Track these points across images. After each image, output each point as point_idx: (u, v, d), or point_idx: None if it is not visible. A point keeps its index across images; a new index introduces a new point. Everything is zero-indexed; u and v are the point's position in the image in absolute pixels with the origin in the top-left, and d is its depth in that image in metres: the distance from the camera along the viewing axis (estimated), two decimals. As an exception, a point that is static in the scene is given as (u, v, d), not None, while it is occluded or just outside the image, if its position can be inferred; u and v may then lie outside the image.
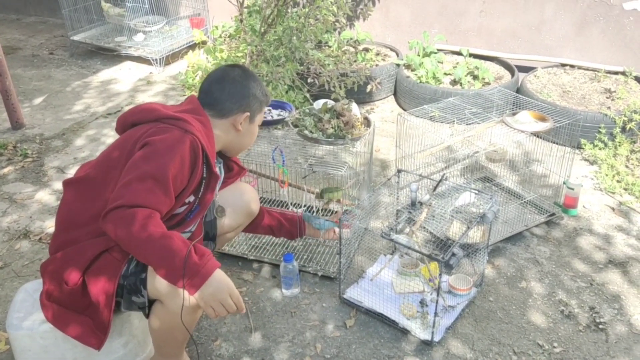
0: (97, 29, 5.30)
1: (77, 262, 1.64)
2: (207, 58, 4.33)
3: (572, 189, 2.71)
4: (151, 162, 1.57)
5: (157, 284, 1.59)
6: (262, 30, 3.84)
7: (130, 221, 1.49)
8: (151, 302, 1.68)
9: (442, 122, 2.95)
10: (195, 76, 4.27)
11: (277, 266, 2.46)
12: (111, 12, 5.12)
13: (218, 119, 1.84)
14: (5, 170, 3.33)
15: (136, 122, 1.73)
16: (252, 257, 2.52)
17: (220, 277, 1.52)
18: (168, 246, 1.49)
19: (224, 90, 1.82)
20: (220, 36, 4.62)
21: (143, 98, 4.31)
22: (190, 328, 1.75)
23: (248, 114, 1.86)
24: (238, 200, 2.16)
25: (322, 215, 2.78)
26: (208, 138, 1.76)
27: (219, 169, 2.00)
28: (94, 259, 1.64)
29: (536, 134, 2.75)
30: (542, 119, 2.70)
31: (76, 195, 1.71)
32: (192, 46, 4.97)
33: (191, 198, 1.76)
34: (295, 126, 2.54)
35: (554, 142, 3.21)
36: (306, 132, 2.47)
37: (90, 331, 1.66)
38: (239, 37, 4.31)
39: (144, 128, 1.68)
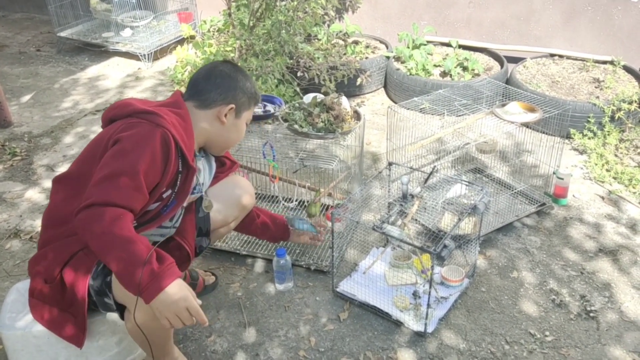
0: (84, 24, 5.25)
1: (56, 260, 1.65)
2: (195, 53, 4.31)
3: (562, 179, 2.73)
4: (121, 159, 1.55)
5: (120, 287, 1.54)
6: (251, 24, 3.82)
7: (97, 220, 1.46)
8: (120, 305, 1.66)
9: (432, 114, 2.96)
10: (184, 71, 4.25)
11: (270, 261, 2.47)
12: (98, 8, 5.08)
13: (202, 110, 1.81)
14: (-6, 169, 3.31)
15: (113, 117, 1.70)
16: (244, 253, 2.52)
17: (176, 288, 1.45)
18: (130, 251, 1.44)
19: (210, 81, 1.81)
20: (208, 31, 4.59)
21: (132, 94, 4.29)
22: (169, 330, 1.76)
23: (233, 106, 1.82)
24: (230, 193, 2.14)
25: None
26: (185, 131, 1.71)
27: (204, 161, 1.97)
28: (70, 257, 1.65)
29: (526, 125, 2.77)
30: (532, 110, 2.71)
31: (59, 192, 1.72)
32: (181, 41, 4.94)
33: (168, 192, 1.73)
34: (285, 120, 2.53)
35: (543, 133, 3.23)
36: (296, 126, 2.47)
37: (72, 329, 1.67)
38: (228, 31, 4.29)
39: (118, 124, 1.66)
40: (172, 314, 1.45)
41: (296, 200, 2.83)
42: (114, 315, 1.82)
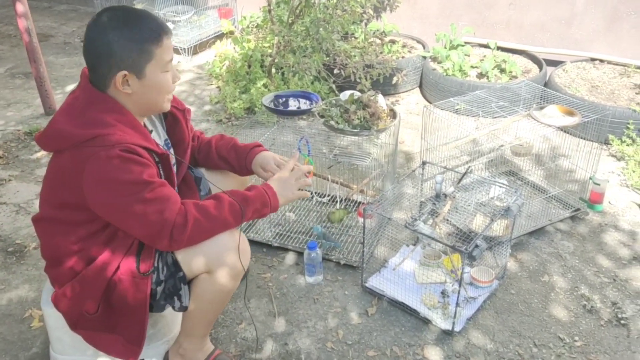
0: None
1: (90, 294, 1.64)
2: (234, 48, 4.38)
3: (599, 185, 2.70)
4: (128, 189, 1.49)
5: (201, 257, 1.62)
6: (290, 21, 3.87)
7: (195, 234, 1.57)
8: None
9: (467, 115, 2.95)
10: (223, 66, 4.33)
11: (300, 254, 2.51)
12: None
13: (106, 92, 1.57)
14: (39, 154, 3.44)
15: (56, 149, 1.56)
16: (276, 244, 2.57)
17: (278, 187, 1.75)
18: (236, 209, 1.64)
19: (90, 53, 1.54)
20: (247, 26, 4.66)
21: (171, 86, 4.38)
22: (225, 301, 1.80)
23: (125, 72, 1.52)
24: (222, 182, 2.04)
25: (345, 206, 2.81)
26: (119, 120, 1.54)
27: (160, 137, 1.84)
28: (106, 286, 1.64)
29: (564, 129, 2.74)
30: (570, 114, 2.69)
31: (46, 232, 1.69)
32: (220, 36, 5.03)
33: None
34: (322, 117, 2.57)
35: (581, 137, 3.19)
36: (332, 122, 2.50)
37: (124, 347, 1.70)
38: (266, 27, 4.35)
39: (69, 158, 1.52)
40: (296, 192, 1.78)
41: (328, 196, 2.87)
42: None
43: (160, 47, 1.55)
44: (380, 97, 2.62)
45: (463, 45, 4.20)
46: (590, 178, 2.73)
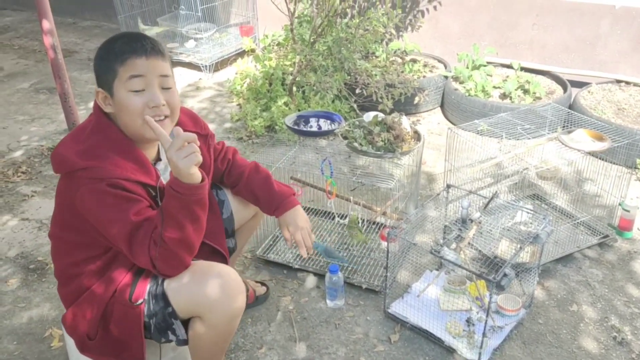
0: (150, 35, 5.44)
1: (89, 318, 1.65)
2: (255, 66, 4.40)
3: (628, 211, 2.63)
4: (113, 219, 1.51)
5: (189, 302, 1.59)
6: (312, 40, 3.87)
7: (172, 262, 1.54)
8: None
9: (490, 137, 2.91)
10: (243, 83, 4.34)
11: (321, 276, 2.47)
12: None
13: (110, 120, 1.62)
14: (61, 170, 3.45)
15: (58, 172, 1.60)
16: (297, 266, 2.54)
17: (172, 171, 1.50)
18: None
19: None
20: (269, 45, 4.68)
21: (192, 103, 4.41)
22: (232, 333, 1.75)
23: (99, 89, 1.58)
24: (243, 210, 2.06)
25: (367, 228, 2.78)
26: (118, 151, 1.57)
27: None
28: (104, 311, 1.64)
29: (592, 154, 2.68)
30: (600, 138, 2.63)
31: (56, 250, 1.72)
32: (241, 53, 5.05)
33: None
34: (345, 138, 2.55)
35: (610, 162, 3.12)
36: (356, 144, 2.48)
37: None
38: (288, 45, 4.36)
39: (63, 184, 1.60)
40: (183, 162, 1.43)
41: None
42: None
43: (124, 65, 1.53)
44: (404, 119, 2.59)
45: (485, 66, 4.16)
46: (619, 204, 2.66)
